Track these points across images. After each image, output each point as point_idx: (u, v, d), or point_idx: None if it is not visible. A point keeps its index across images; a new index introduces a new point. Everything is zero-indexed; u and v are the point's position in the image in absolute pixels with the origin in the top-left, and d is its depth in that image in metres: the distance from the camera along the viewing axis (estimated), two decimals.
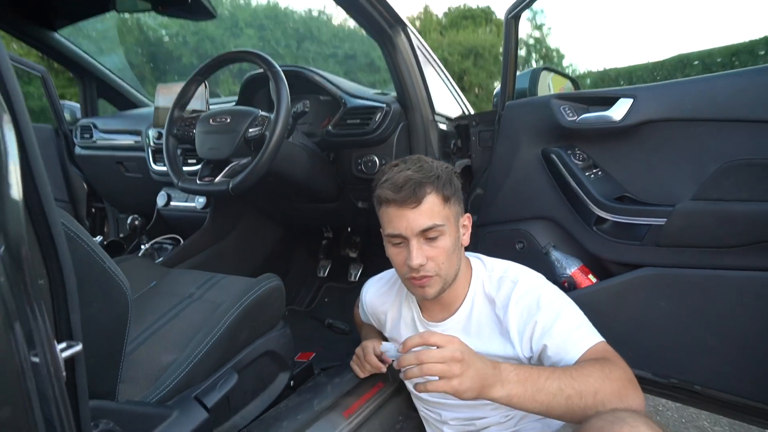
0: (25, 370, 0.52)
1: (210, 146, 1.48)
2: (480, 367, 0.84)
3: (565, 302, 1.03)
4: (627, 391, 0.87)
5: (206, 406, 1.08)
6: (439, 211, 1.01)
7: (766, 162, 1.09)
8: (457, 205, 1.07)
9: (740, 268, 1.11)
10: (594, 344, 0.96)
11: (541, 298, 1.02)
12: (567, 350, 0.96)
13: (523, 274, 1.09)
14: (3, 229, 0.49)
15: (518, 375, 0.86)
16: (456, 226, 1.06)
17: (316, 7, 29.56)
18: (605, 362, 0.91)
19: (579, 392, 0.85)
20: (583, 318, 1.02)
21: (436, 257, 1.01)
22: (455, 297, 1.12)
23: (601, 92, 1.35)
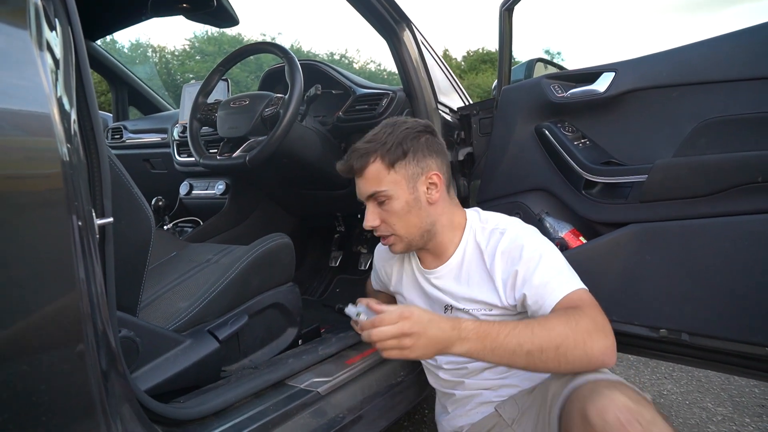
0: (73, 230, 0.64)
1: (230, 125, 1.62)
2: (434, 333, 0.91)
3: (546, 251, 1.06)
4: (591, 339, 0.90)
5: (218, 338, 1.18)
6: (383, 178, 1.10)
7: (735, 117, 1.19)
8: (413, 166, 1.10)
9: (715, 215, 1.19)
10: (570, 291, 0.99)
11: (524, 248, 1.06)
12: (544, 298, 1.00)
13: (512, 226, 1.14)
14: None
15: (477, 332, 0.92)
16: (410, 188, 1.10)
17: (338, 51, 30.48)
18: (573, 312, 0.93)
19: (539, 347, 0.89)
20: (563, 266, 1.05)
21: (387, 219, 1.12)
22: (445, 247, 1.18)
23: (586, 69, 1.47)
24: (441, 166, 1.15)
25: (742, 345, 1.18)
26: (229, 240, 1.99)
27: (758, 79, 1.17)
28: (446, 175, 1.16)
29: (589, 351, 0.89)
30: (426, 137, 1.14)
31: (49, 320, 0.63)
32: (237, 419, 1.01)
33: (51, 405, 0.63)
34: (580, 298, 0.99)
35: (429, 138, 1.15)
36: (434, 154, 1.14)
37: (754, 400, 1.95)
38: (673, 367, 2.24)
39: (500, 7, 1.61)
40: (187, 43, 24.88)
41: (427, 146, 1.13)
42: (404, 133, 1.12)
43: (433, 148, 1.14)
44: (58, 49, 0.69)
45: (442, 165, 1.15)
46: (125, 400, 0.78)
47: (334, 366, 1.29)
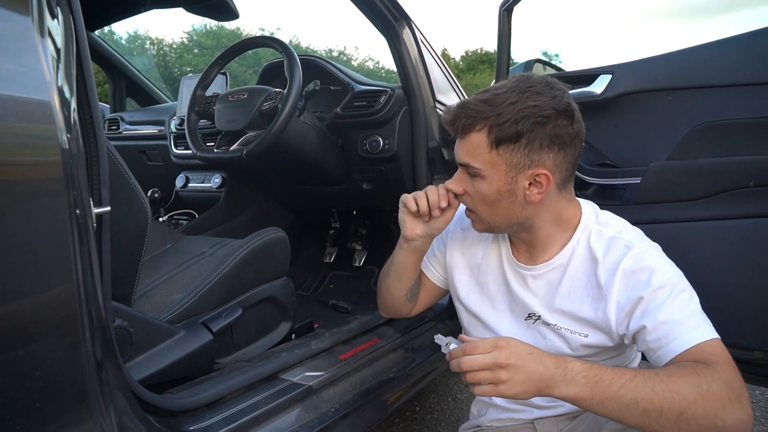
0: (71, 218, 0.65)
1: (228, 119, 1.63)
2: (534, 369, 0.78)
3: (681, 285, 0.88)
4: (725, 409, 0.74)
5: (212, 330, 1.18)
6: (481, 153, 0.90)
7: (729, 122, 1.20)
8: (523, 155, 0.88)
9: (707, 218, 1.20)
10: (703, 341, 0.81)
11: (654, 273, 0.88)
12: (669, 339, 0.83)
13: (640, 242, 0.94)
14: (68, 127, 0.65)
15: (587, 377, 0.78)
16: (508, 177, 0.90)
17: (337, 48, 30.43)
18: (706, 372, 0.76)
19: (659, 409, 0.75)
20: (697, 308, 0.87)
21: (472, 195, 0.95)
22: (547, 243, 0.99)
23: (583, 71, 1.48)
24: (560, 162, 0.90)
25: (731, 349, 1.18)
26: (224, 233, 1.99)
27: (752, 84, 1.18)
28: (563, 173, 0.92)
29: (720, 424, 0.74)
30: (555, 123, 0.88)
31: (46, 308, 0.64)
32: (229, 411, 1.02)
33: (45, 392, 0.63)
34: (714, 352, 0.81)
35: (559, 125, 0.88)
36: (556, 147, 0.89)
37: None
38: None
39: (500, 7, 1.61)
40: (185, 35, 24.79)
41: (551, 137, 0.88)
42: (529, 112, 0.87)
43: (558, 140, 0.89)
44: (59, 38, 0.69)
45: (561, 161, 0.90)
46: (119, 390, 0.79)
47: (327, 361, 1.30)
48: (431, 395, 2.10)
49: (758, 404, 1.97)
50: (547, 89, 0.89)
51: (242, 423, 1.01)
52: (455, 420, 1.92)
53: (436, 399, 2.08)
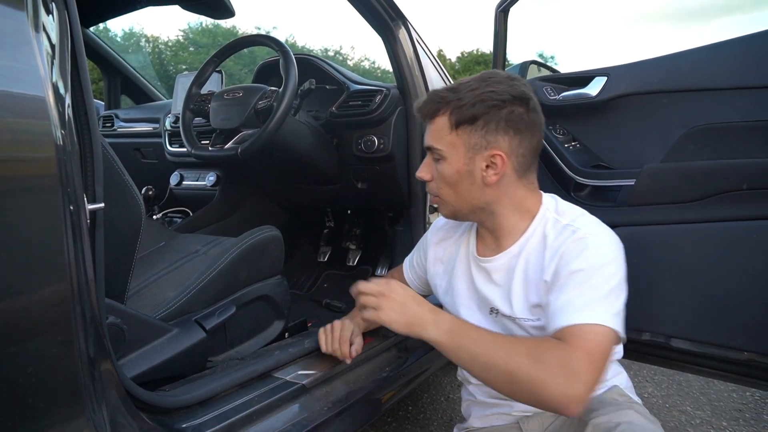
0: (64, 214, 0.65)
1: (223, 117, 1.62)
2: (411, 306, 0.94)
3: (601, 273, 0.89)
4: (550, 383, 0.79)
5: (205, 328, 1.18)
6: (443, 136, 0.97)
7: (723, 125, 1.21)
8: (479, 136, 0.94)
9: (700, 220, 1.21)
10: (585, 322, 0.84)
11: (580, 257, 0.91)
12: (556, 317, 0.87)
13: (588, 227, 0.96)
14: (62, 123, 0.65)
15: (451, 327, 0.90)
16: (466, 158, 0.96)
17: (333, 47, 30.44)
18: (552, 347, 0.83)
19: (495, 366, 0.84)
20: (607, 294, 0.88)
21: (437, 179, 1.01)
22: (507, 231, 1.03)
23: (579, 73, 1.48)
24: (515, 147, 0.96)
25: (723, 349, 1.20)
26: (218, 231, 1.99)
27: (747, 88, 1.19)
28: (519, 159, 0.97)
29: (540, 393, 0.80)
30: (512, 109, 0.94)
31: (39, 304, 0.63)
32: (222, 409, 1.02)
33: (38, 388, 0.63)
34: (583, 335, 0.83)
35: (515, 111, 0.95)
36: (512, 131, 0.95)
37: (732, 405, 1.99)
38: (655, 370, 2.27)
39: (496, 8, 1.62)
40: (181, 33, 24.70)
41: (506, 120, 0.94)
42: (485, 96, 0.94)
43: (513, 125, 0.95)
44: (54, 34, 0.69)
45: (517, 146, 0.96)
46: (111, 387, 0.78)
47: (320, 359, 1.29)
48: (424, 395, 2.11)
49: (748, 405, 1.99)
50: (507, 80, 0.97)
51: (235, 421, 1.01)
52: (448, 420, 1.92)
53: (429, 399, 2.08)
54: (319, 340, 1.24)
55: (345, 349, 1.20)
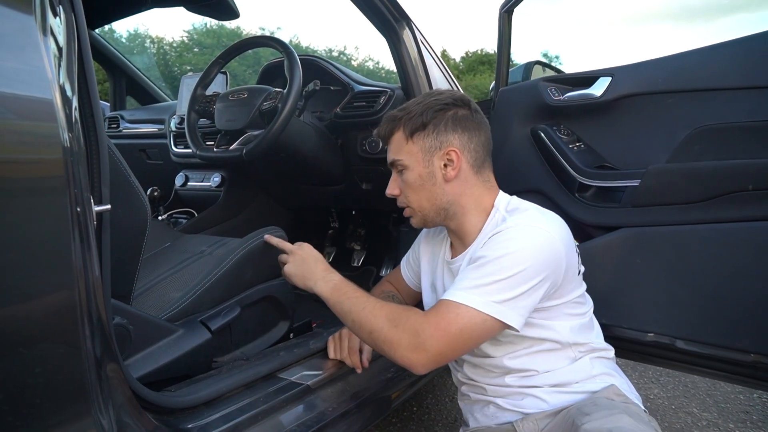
0: (71, 216, 0.65)
1: (228, 118, 1.63)
2: (308, 264, 1.14)
3: (499, 264, 0.94)
4: (399, 346, 0.93)
5: (210, 329, 1.18)
6: (401, 147, 1.09)
7: (728, 126, 1.20)
8: (432, 139, 1.06)
9: (705, 221, 1.20)
10: (457, 301, 0.93)
11: (491, 243, 0.99)
12: (446, 294, 0.97)
13: (516, 220, 1.02)
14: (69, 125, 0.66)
15: (336, 285, 1.07)
16: (425, 161, 1.07)
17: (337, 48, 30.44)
18: (412, 315, 0.95)
19: (360, 323, 0.99)
20: (496, 280, 0.93)
21: (404, 190, 1.12)
22: (468, 231, 1.11)
23: (583, 73, 1.48)
24: (466, 143, 1.07)
25: (729, 351, 1.20)
26: (223, 232, 1.99)
27: (752, 88, 1.19)
28: (473, 154, 1.08)
29: (391, 352, 0.95)
30: (454, 111, 1.08)
31: (46, 305, 0.64)
32: (227, 409, 1.02)
33: (45, 388, 0.63)
34: (448, 313, 0.93)
35: (458, 112, 1.08)
36: (460, 129, 1.07)
37: (738, 407, 1.98)
38: (661, 372, 2.26)
39: (500, 9, 1.62)
40: (185, 34, 24.77)
41: (453, 120, 1.07)
42: (430, 104, 1.08)
43: (460, 124, 1.07)
44: (61, 36, 0.69)
45: (468, 142, 1.08)
46: (117, 387, 0.79)
47: (325, 360, 1.30)
48: (429, 395, 2.11)
49: (755, 407, 1.98)
50: (447, 90, 1.16)
51: (240, 421, 1.01)
52: (452, 420, 1.92)
53: (434, 399, 2.08)
54: (328, 349, 1.28)
55: (355, 359, 1.24)
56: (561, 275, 1.00)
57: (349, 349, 1.24)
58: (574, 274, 1.05)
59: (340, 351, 1.25)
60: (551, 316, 1.04)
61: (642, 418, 0.94)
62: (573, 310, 1.07)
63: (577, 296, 1.07)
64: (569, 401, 1.03)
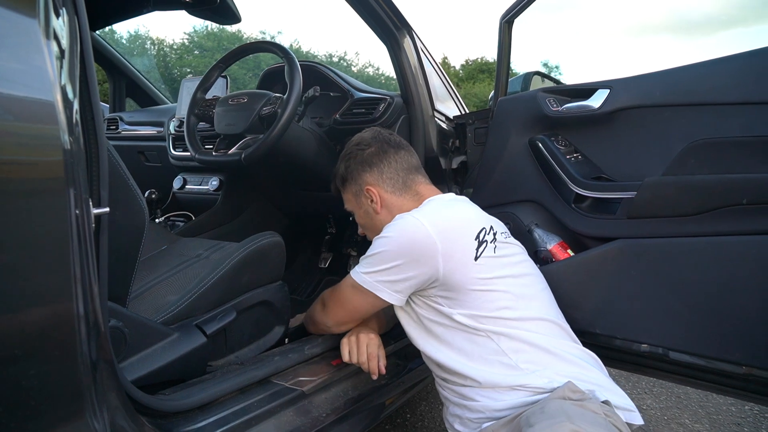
0: (70, 218, 0.65)
1: (227, 122, 1.63)
2: None
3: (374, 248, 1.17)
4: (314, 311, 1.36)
5: (205, 333, 1.18)
6: (347, 200, 1.38)
7: (725, 140, 1.21)
8: (353, 184, 1.32)
9: (700, 234, 1.21)
10: (348, 275, 1.22)
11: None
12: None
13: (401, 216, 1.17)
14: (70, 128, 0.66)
15: None
16: (357, 204, 1.33)
17: (337, 54, 30.54)
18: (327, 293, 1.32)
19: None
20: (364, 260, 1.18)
21: (360, 225, 1.39)
22: None
23: (581, 85, 1.49)
24: (377, 177, 1.29)
25: (721, 363, 1.20)
26: (220, 236, 2.00)
27: (749, 103, 1.20)
28: (389, 182, 1.29)
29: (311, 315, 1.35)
30: (362, 150, 1.31)
31: (42, 307, 0.64)
32: (221, 414, 1.02)
33: (40, 390, 0.63)
34: (340, 285, 1.27)
35: (365, 152, 1.31)
36: (368, 168, 1.29)
37: (730, 418, 1.98)
38: (654, 383, 2.26)
39: (500, 19, 1.63)
40: (186, 37, 24.81)
41: (362, 162, 1.30)
42: (343, 156, 1.34)
43: (368, 162, 1.29)
44: (63, 39, 0.70)
45: (379, 175, 1.29)
46: (112, 390, 0.79)
47: (320, 366, 1.30)
48: (422, 403, 2.11)
49: (747, 419, 1.98)
50: (358, 135, 1.38)
51: (234, 426, 1.01)
52: (446, 428, 1.91)
53: (427, 407, 2.08)
54: (342, 349, 1.27)
55: (374, 365, 1.24)
56: (436, 262, 1.09)
57: (369, 355, 1.25)
58: (465, 264, 1.11)
59: (357, 355, 1.26)
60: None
61: (595, 418, 0.91)
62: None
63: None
64: (520, 400, 1.03)
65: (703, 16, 75.92)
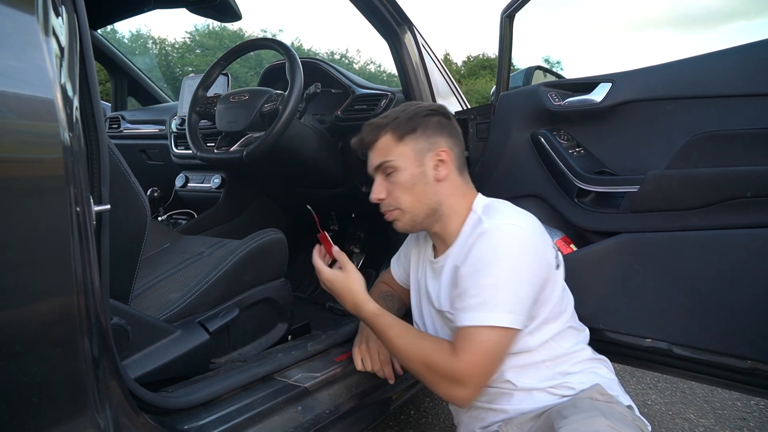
0: (71, 216, 0.65)
1: (228, 120, 1.63)
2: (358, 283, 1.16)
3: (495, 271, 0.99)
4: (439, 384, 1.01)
5: (208, 330, 1.18)
6: (391, 149, 1.12)
7: (728, 133, 1.20)
8: (423, 141, 1.12)
9: (704, 228, 1.20)
10: (471, 325, 0.97)
11: (480, 253, 1.02)
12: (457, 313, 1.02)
13: (494, 220, 1.05)
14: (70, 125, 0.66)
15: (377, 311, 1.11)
16: (417, 161, 1.11)
17: (339, 51, 30.51)
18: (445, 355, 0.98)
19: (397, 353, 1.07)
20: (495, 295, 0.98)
21: (392, 191, 1.13)
22: (450, 233, 1.14)
23: (584, 79, 1.48)
24: (452, 145, 1.15)
25: (726, 357, 1.20)
26: (223, 234, 2.00)
27: (752, 95, 1.19)
28: (458, 156, 1.16)
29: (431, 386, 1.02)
30: (438, 118, 1.16)
31: (44, 304, 0.64)
32: (224, 410, 1.02)
33: (42, 387, 0.64)
34: (471, 340, 0.97)
35: (441, 119, 1.16)
36: (446, 134, 1.15)
37: (735, 413, 1.98)
38: (658, 378, 2.26)
39: (501, 13, 1.62)
40: (187, 35, 24.81)
41: (438, 125, 1.15)
42: (416, 110, 1.15)
43: (445, 129, 1.15)
44: (63, 37, 0.70)
45: (453, 145, 1.15)
46: (114, 387, 0.79)
47: (323, 363, 1.30)
48: (426, 399, 2.11)
49: (752, 414, 1.98)
50: (427, 102, 1.28)
51: (237, 423, 1.01)
52: (450, 425, 1.92)
53: (431, 403, 2.08)
54: (354, 359, 1.28)
55: (388, 370, 1.25)
56: (547, 267, 1.05)
57: (382, 361, 1.25)
58: (553, 267, 1.09)
59: (371, 363, 1.25)
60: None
61: (624, 418, 0.94)
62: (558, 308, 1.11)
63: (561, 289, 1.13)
64: (551, 402, 1.05)
65: (705, 10, 75.63)
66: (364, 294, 1.14)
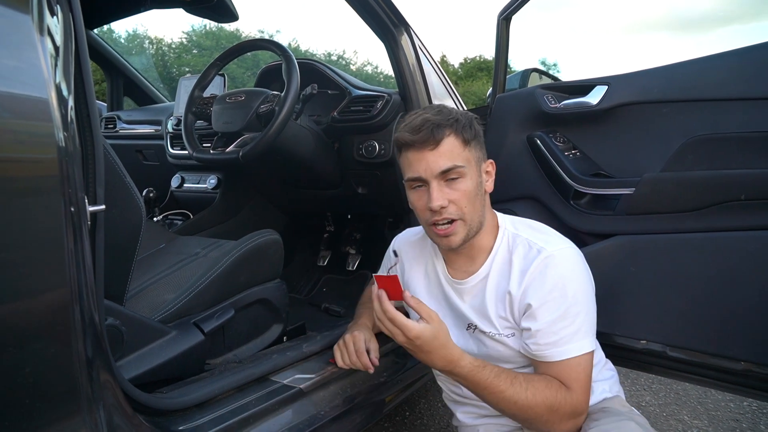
0: (65, 215, 0.65)
1: (225, 120, 1.63)
2: (440, 354, 0.95)
3: (572, 297, 0.98)
4: (560, 423, 0.96)
5: (203, 331, 1.18)
6: (459, 153, 1.00)
7: (723, 136, 1.21)
8: (478, 150, 1.05)
9: (698, 230, 1.21)
10: (573, 356, 0.96)
11: (553, 274, 0.99)
12: (543, 348, 0.98)
13: (550, 246, 1.03)
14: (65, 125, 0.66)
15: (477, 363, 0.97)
16: (477, 170, 1.03)
17: (336, 52, 30.55)
18: (562, 396, 0.94)
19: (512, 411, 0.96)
20: (584, 321, 0.99)
21: (457, 200, 1.00)
22: (481, 250, 1.09)
23: (580, 81, 1.49)
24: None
25: (719, 359, 1.20)
26: (218, 234, 2.00)
27: (746, 99, 1.19)
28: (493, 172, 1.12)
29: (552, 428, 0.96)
30: (479, 127, 1.08)
31: (38, 304, 0.64)
32: (219, 411, 1.02)
33: (36, 388, 0.63)
34: (576, 371, 0.97)
35: (480, 128, 1.09)
36: (483, 144, 1.10)
37: (728, 414, 1.98)
38: (653, 379, 2.27)
39: (498, 16, 1.63)
40: (184, 36, 24.75)
41: (481, 135, 1.08)
42: (468, 116, 1.06)
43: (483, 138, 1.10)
44: (58, 36, 0.69)
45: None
46: (109, 388, 0.78)
47: (318, 364, 1.29)
48: (421, 400, 2.11)
49: (745, 415, 1.98)
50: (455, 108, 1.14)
51: (232, 424, 1.01)
52: (445, 425, 1.92)
53: (426, 404, 2.08)
54: (336, 358, 1.22)
55: (365, 360, 1.17)
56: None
57: (357, 352, 1.18)
58: None
59: (348, 356, 1.19)
60: None
61: (648, 428, 0.96)
62: None
63: None
64: None
65: (701, 14, 75.99)
66: (457, 347, 0.98)
